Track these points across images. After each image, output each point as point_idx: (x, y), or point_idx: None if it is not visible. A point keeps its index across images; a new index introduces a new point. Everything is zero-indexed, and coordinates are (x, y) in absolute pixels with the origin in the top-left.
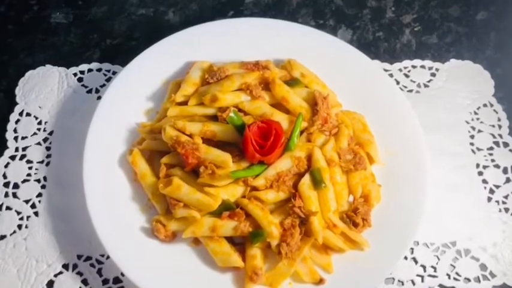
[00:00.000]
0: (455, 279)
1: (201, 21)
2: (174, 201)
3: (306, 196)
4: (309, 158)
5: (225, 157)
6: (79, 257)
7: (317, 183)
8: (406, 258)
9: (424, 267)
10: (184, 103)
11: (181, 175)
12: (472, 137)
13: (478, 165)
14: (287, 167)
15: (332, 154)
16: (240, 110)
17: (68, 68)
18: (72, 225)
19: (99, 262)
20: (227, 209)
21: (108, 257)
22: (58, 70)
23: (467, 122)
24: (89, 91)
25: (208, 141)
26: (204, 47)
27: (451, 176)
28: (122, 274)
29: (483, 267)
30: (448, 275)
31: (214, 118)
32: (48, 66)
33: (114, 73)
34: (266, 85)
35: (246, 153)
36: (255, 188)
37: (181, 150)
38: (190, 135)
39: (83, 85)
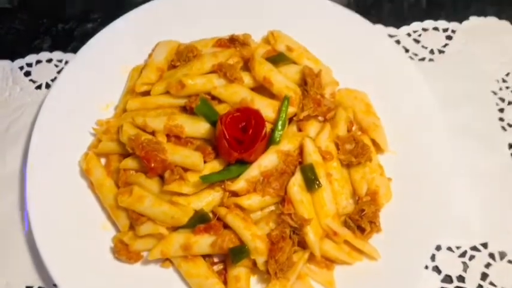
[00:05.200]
0: None
1: None
2: (136, 216)
3: (296, 200)
4: (301, 151)
5: (195, 158)
6: None
7: (310, 182)
8: (426, 267)
9: (449, 277)
10: (148, 93)
11: (144, 182)
12: (501, 110)
13: (510, 146)
14: (273, 165)
15: (328, 145)
16: (214, 98)
17: (12, 61)
18: (18, 251)
19: None
20: (202, 221)
21: None
22: (1, 64)
23: (495, 93)
24: (39, 87)
25: (178, 138)
26: (170, 24)
27: (478, 162)
28: None
29: None
30: (480, 286)
31: (184, 109)
32: None
33: (68, 63)
34: (246, 64)
35: (221, 151)
36: (235, 194)
37: (141, 153)
38: (153, 133)
39: (31, 80)
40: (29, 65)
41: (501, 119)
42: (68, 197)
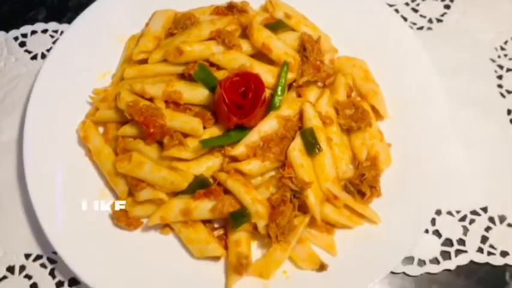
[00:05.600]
0: (489, 253)
1: None
2: (135, 182)
3: (297, 164)
4: (301, 116)
5: (194, 123)
6: (27, 256)
7: (310, 146)
8: (427, 231)
9: (449, 241)
10: (146, 61)
11: (143, 149)
12: (500, 77)
13: (509, 112)
14: (273, 130)
15: (328, 110)
16: (212, 65)
17: (7, 32)
18: (16, 219)
19: (52, 261)
20: (201, 186)
21: None
22: None
23: (493, 60)
24: (34, 57)
25: (176, 105)
26: None
27: (476, 127)
28: None
29: None
30: (480, 248)
31: (182, 77)
32: None
33: (63, 33)
34: (244, 32)
35: (220, 116)
36: (234, 159)
37: (140, 118)
38: (151, 100)
39: (26, 50)
40: (24, 35)
41: (500, 86)
42: (66, 164)
